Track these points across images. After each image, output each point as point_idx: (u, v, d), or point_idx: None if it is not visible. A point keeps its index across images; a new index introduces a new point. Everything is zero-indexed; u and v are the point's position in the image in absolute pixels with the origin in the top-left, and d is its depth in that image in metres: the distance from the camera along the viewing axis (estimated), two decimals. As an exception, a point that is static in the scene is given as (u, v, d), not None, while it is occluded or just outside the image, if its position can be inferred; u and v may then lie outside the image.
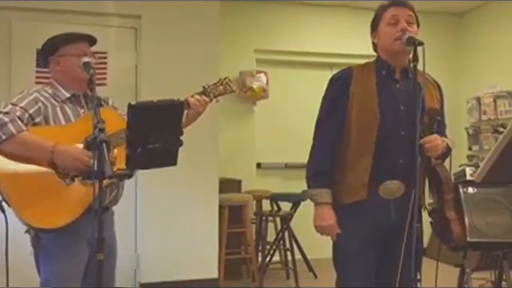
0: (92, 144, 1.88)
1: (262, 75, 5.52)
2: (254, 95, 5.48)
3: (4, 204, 2.08)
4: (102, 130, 1.84)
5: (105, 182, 1.99)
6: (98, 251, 1.83)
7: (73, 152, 2.07)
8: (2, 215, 2.12)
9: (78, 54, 2.25)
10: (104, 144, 1.84)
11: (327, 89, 2.31)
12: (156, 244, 4.42)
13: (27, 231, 2.19)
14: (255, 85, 5.43)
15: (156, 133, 1.97)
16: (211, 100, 2.43)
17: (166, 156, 2.05)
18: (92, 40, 2.36)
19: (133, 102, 1.96)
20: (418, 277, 2.11)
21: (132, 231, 4.44)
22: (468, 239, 2.87)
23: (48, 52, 2.32)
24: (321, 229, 2.24)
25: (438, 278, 2.56)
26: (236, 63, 5.44)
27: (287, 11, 5.74)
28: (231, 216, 4.66)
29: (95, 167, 1.84)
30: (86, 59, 2.20)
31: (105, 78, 4.34)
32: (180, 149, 2.07)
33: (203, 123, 2.63)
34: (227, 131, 5.28)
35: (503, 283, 3.06)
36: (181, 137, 2.07)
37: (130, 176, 2.16)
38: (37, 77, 4.23)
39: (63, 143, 2.09)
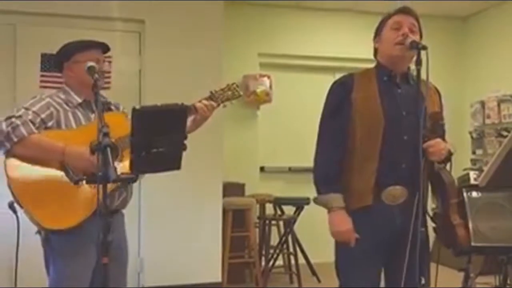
0: (97, 149, 1.89)
1: (265, 79, 5.52)
2: (257, 99, 5.49)
3: (16, 205, 2.14)
4: (106, 135, 1.85)
5: (110, 186, 2.00)
6: (103, 255, 1.83)
7: (84, 153, 2.09)
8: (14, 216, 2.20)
9: (90, 60, 2.28)
10: (108, 149, 1.84)
11: (328, 95, 2.31)
12: (160, 248, 4.42)
13: (38, 232, 2.23)
14: (259, 89, 5.44)
15: (160, 137, 1.98)
16: (218, 105, 2.48)
17: (170, 160, 2.05)
18: (105, 48, 2.42)
19: (137, 106, 1.96)
20: (423, 281, 2.10)
21: (136, 235, 4.44)
22: (472, 243, 2.86)
23: (62, 58, 2.38)
24: (339, 235, 2.20)
25: (442, 282, 2.55)
26: (239, 67, 5.45)
27: (290, 15, 5.75)
28: (235, 220, 4.66)
29: (100, 171, 1.84)
30: (90, 63, 2.22)
31: (109, 82, 4.35)
32: (184, 153, 2.08)
33: (207, 127, 2.63)
34: (230, 135, 5.28)
35: (508, 287, 3.05)
36: (185, 141, 2.08)
37: (134, 180, 2.17)
38: (41, 81, 4.26)
39: (73, 144, 2.14)
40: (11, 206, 2.16)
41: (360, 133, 2.19)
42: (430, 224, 2.33)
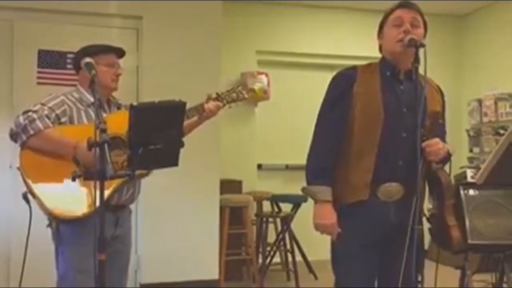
0: (93, 145, 1.89)
1: (263, 76, 5.52)
2: (255, 96, 5.48)
3: (29, 195, 2.24)
4: (104, 131, 1.86)
5: (118, 181, 2.14)
6: (100, 251, 1.84)
7: None
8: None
9: (107, 63, 2.43)
10: (105, 145, 1.85)
11: (330, 85, 2.29)
12: (157, 245, 4.42)
13: (49, 225, 2.33)
14: (256, 86, 5.43)
15: (157, 133, 1.98)
16: (223, 106, 2.60)
17: (168, 157, 2.05)
18: (121, 52, 2.53)
19: (134, 103, 1.97)
20: (419, 279, 2.10)
21: (133, 232, 4.42)
22: (469, 241, 2.87)
23: (80, 60, 2.43)
24: (321, 228, 2.21)
25: (439, 280, 2.56)
26: (237, 64, 5.45)
27: (288, 13, 5.75)
28: (232, 217, 4.66)
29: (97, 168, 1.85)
30: (88, 59, 2.24)
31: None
32: (181, 150, 2.08)
33: (204, 124, 2.65)
34: (228, 132, 5.28)
35: (504, 285, 3.06)
36: (182, 138, 2.09)
37: (131, 177, 2.17)
38: (38, 78, 4.25)
39: (84, 139, 2.16)
40: (24, 196, 2.24)
41: (358, 127, 2.18)
42: (426, 224, 2.34)
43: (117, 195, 2.36)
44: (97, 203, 2.14)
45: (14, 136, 2.27)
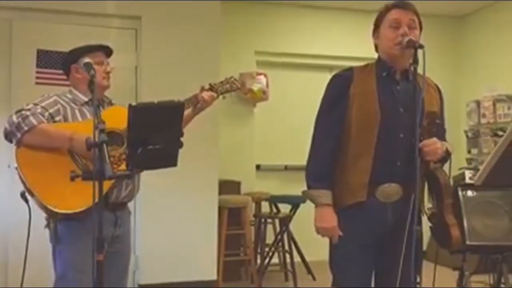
0: (92, 145, 1.90)
1: (262, 77, 5.52)
2: (254, 97, 5.48)
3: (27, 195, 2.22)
4: (102, 131, 1.86)
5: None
6: (98, 251, 1.84)
7: (89, 139, 2.13)
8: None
9: (96, 62, 2.39)
10: (104, 145, 1.85)
11: (327, 87, 2.30)
12: (155, 245, 4.41)
13: (47, 226, 2.32)
14: (255, 87, 5.44)
15: (156, 134, 1.98)
16: (218, 96, 2.60)
17: (167, 157, 2.05)
18: (108, 51, 2.54)
19: (133, 103, 1.97)
20: (418, 280, 2.10)
21: (131, 232, 4.42)
22: (467, 242, 2.88)
23: (70, 62, 2.46)
24: (322, 231, 2.22)
25: (437, 281, 2.56)
26: (236, 65, 5.44)
27: (288, 13, 5.75)
28: (230, 217, 4.66)
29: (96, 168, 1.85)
30: (86, 59, 2.26)
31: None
32: (180, 150, 2.08)
33: (203, 125, 2.66)
34: (226, 133, 5.28)
35: (502, 286, 3.06)
36: (181, 138, 2.09)
37: (130, 177, 2.18)
38: (37, 77, 4.24)
39: (80, 132, 2.20)
40: (22, 195, 2.23)
41: (355, 128, 2.18)
42: (426, 223, 2.34)
43: (116, 191, 2.34)
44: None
45: (8, 136, 2.23)
